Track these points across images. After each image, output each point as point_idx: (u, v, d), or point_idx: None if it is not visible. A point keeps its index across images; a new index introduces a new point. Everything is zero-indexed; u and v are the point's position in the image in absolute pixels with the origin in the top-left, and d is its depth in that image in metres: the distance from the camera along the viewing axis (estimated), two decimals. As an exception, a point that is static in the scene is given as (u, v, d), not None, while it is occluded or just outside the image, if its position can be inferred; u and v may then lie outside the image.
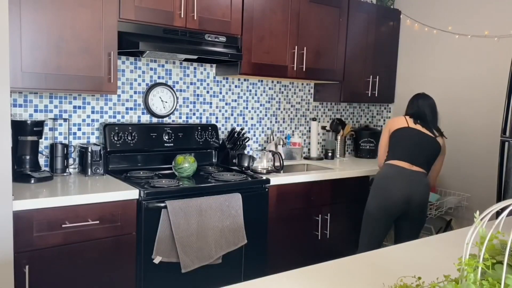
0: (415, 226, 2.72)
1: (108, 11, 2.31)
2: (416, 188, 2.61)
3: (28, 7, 2.09)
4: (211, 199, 2.38)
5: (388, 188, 2.61)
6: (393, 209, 2.61)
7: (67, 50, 2.21)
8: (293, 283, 1.19)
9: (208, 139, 3.01)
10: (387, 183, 2.63)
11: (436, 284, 0.87)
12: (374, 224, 2.67)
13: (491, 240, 0.80)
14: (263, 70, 2.97)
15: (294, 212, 2.86)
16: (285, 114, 3.62)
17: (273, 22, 2.97)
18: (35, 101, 2.49)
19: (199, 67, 3.10)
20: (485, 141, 3.23)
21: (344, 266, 1.34)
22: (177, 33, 2.55)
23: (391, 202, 2.59)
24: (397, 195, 2.58)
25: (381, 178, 2.67)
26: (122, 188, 2.23)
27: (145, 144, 2.75)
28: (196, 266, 2.31)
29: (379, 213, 2.63)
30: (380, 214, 2.63)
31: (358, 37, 3.48)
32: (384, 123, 3.93)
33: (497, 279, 0.75)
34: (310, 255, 2.93)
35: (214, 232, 2.37)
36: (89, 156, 2.50)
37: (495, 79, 3.15)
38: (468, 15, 3.31)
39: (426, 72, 3.61)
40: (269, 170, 2.91)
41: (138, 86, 2.84)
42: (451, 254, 1.13)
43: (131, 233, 2.20)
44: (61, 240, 2.00)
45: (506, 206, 0.82)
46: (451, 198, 3.27)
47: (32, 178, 2.23)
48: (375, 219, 2.65)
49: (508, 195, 2.59)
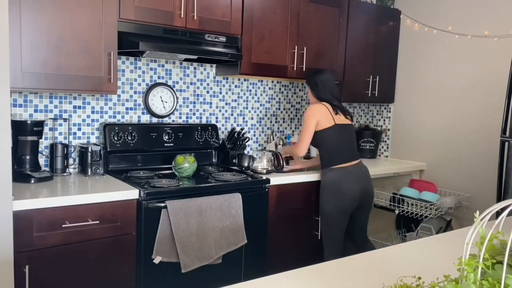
0: (367, 212, 2.95)
1: (108, 11, 2.31)
2: (365, 180, 2.83)
3: (28, 7, 2.09)
4: (211, 199, 2.38)
5: (341, 189, 2.72)
6: (349, 206, 2.76)
7: (67, 50, 2.21)
8: (293, 283, 1.19)
9: (208, 139, 3.01)
10: (340, 185, 2.73)
11: (436, 284, 0.87)
12: (335, 224, 2.77)
13: (491, 240, 0.79)
14: (263, 70, 2.97)
15: (294, 212, 2.86)
16: (285, 114, 3.62)
17: (273, 22, 2.97)
18: (35, 101, 2.49)
19: (199, 67, 3.10)
20: (485, 141, 3.23)
21: (344, 266, 1.34)
22: (177, 33, 2.55)
23: (347, 201, 2.74)
24: (351, 193, 2.74)
25: (333, 182, 2.75)
26: (122, 188, 2.23)
27: (145, 144, 2.75)
28: (196, 266, 2.31)
29: (338, 214, 2.75)
30: (339, 214, 2.75)
31: (358, 37, 3.48)
32: (384, 123, 3.93)
33: (497, 279, 0.75)
34: (310, 255, 2.93)
35: (214, 232, 2.37)
36: (89, 156, 2.50)
37: (495, 79, 3.15)
38: (468, 15, 3.31)
39: (426, 72, 3.61)
40: (269, 170, 2.91)
41: (138, 86, 2.84)
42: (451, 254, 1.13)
43: (131, 233, 2.20)
44: (61, 240, 2.00)
45: (506, 206, 0.82)
46: (451, 198, 3.27)
47: (32, 178, 2.23)
48: (336, 220, 2.76)
49: (508, 195, 2.59)
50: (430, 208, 3.12)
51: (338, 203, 2.73)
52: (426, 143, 3.62)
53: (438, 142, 3.54)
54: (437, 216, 3.26)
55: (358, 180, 2.77)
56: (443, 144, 3.50)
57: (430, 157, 3.60)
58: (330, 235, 2.80)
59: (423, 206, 3.13)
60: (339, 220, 2.76)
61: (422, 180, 3.61)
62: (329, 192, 2.75)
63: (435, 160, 3.56)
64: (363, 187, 2.79)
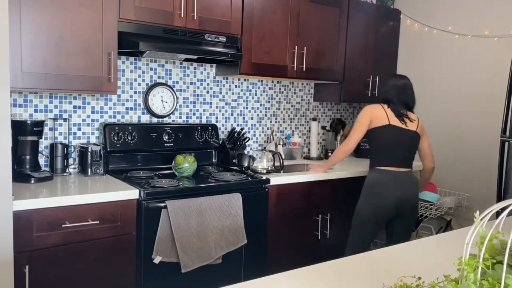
0: (408, 224, 2.79)
1: (108, 11, 2.31)
2: (407, 190, 2.67)
3: (28, 7, 2.09)
4: (211, 199, 2.38)
5: (381, 194, 2.63)
6: (386, 213, 2.65)
7: (67, 50, 2.21)
8: (293, 283, 1.19)
9: (208, 139, 3.01)
10: (380, 188, 2.64)
11: (436, 284, 0.87)
12: (366, 228, 2.68)
13: (491, 240, 0.79)
14: (263, 70, 2.97)
15: (294, 212, 2.86)
16: (285, 114, 3.62)
17: (273, 22, 2.97)
18: (35, 101, 2.49)
19: (199, 67, 3.10)
20: (485, 141, 3.23)
21: (344, 266, 1.34)
22: (177, 33, 2.55)
23: (384, 207, 2.63)
24: (390, 199, 2.62)
25: (374, 184, 2.67)
26: (122, 188, 2.23)
27: (145, 144, 2.75)
28: (196, 266, 2.31)
29: (372, 218, 2.66)
30: (373, 218, 2.66)
31: (358, 37, 3.48)
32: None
33: (497, 279, 0.75)
34: (310, 255, 2.93)
35: (214, 232, 2.37)
36: (89, 156, 2.50)
37: (495, 79, 3.15)
38: (468, 15, 3.31)
39: (426, 72, 3.61)
40: (269, 170, 2.91)
41: (138, 86, 2.84)
42: (451, 254, 1.13)
43: (131, 233, 2.20)
44: (61, 240, 2.00)
45: (506, 206, 0.82)
46: (451, 198, 3.27)
47: (32, 178, 2.23)
48: (368, 223, 2.67)
49: (508, 195, 2.59)
50: (430, 208, 3.12)
51: (374, 206, 2.62)
52: (426, 143, 3.62)
53: (438, 142, 3.54)
54: (437, 216, 3.26)
55: (401, 188, 2.64)
56: (443, 144, 3.50)
57: (430, 157, 3.60)
58: (356, 236, 2.70)
59: (423, 206, 3.13)
60: (370, 224, 2.65)
61: (422, 180, 3.61)
62: (368, 193, 2.67)
63: (435, 160, 3.56)
64: (405, 196, 2.64)
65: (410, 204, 2.70)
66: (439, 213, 3.19)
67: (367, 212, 2.66)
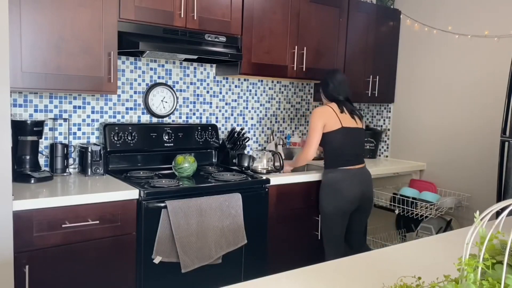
0: (366, 214, 2.95)
1: (108, 11, 2.31)
2: (365, 184, 2.82)
3: (28, 7, 2.09)
4: (211, 199, 2.38)
5: (341, 190, 2.73)
6: (348, 207, 2.76)
7: (67, 50, 2.21)
8: (293, 283, 1.19)
9: (208, 139, 3.01)
10: (341, 185, 2.73)
11: (436, 284, 0.87)
12: (334, 225, 2.78)
13: (491, 240, 0.79)
14: (263, 70, 2.97)
15: (294, 212, 2.86)
16: (285, 114, 3.62)
17: (273, 22, 2.97)
18: (35, 101, 2.49)
19: (199, 67, 3.10)
20: (485, 141, 3.23)
21: (344, 266, 1.34)
22: (177, 33, 2.55)
23: (346, 202, 2.73)
24: (351, 194, 2.73)
25: (333, 182, 2.75)
26: (122, 188, 2.23)
27: (145, 144, 2.75)
28: (196, 266, 2.31)
29: (337, 214, 2.75)
30: (338, 214, 2.75)
31: (358, 37, 3.48)
32: (384, 123, 3.93)
33: (497, 279, 0.75)
34: (310, 255, 2.93)
35: (214, 232, 2.37)
36: (89, 156, 2.50)
37: (495, 79, 3.15)
38: (468, 15, 3.31)
39: (426, 72, 3.61)
40: (269, 170, 2.91)
41: (138, 86, 2.84)
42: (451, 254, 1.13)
43: (131, 233, 2.20)
44: (61, 240, 2.00)
45: (506, 206, 0.82)
46: (451, 198, 3.27)
47: (32, 178, 2.23)
48: (334, 220, 2.77)
49: (508, 195, 2.59)
50: (430, 208, 3.12)
51: (338, 203, 2.73)
52: (426, 143, 3.62)
53: (438, 142, 3.54)
54: (437, 216, 3.26)
55: (360, 184, 2.77)
56: (443, 144, 3.50)
57: (430, 157, 3.60)
58: (329, 235, 2.81)
59: (423, 206, 3.13)
60: (338, 220, 2.76)
61: (422, 180, 3.61)
62: (329, 192, 2.75)
63: (435, 160, 3.56)
64: (363, 191, 2.79)
65: (368, 197, 2.86)
66: (439, 213, 3.19)
67: (331, 210, 2.75)
